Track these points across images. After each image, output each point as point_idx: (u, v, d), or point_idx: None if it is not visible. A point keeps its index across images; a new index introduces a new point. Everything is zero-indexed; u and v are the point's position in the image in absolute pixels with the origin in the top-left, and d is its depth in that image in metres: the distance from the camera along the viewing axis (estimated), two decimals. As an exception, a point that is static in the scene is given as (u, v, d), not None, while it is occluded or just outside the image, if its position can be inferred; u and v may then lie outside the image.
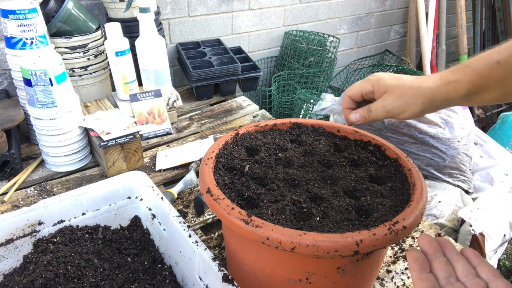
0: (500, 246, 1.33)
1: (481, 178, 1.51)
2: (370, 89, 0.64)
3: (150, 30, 1.19)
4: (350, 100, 0.68)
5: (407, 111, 0.61)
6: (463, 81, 0.58)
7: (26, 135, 1.19)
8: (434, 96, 0.60)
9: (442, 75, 0.61)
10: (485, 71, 0.57)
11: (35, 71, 0.92)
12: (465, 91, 0.59)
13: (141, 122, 1.21)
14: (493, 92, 0.58)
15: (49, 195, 0.98)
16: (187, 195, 1.00)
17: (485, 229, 1.27)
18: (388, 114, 0.63)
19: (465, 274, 0.45)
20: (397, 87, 0.62)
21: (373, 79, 0.64)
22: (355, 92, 0.67)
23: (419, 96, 0.60)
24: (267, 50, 2.00)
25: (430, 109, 0.61)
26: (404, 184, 0.66)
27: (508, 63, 0.56)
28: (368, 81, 0.65)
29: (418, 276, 0.46)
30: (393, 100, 0.62)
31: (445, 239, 0.50)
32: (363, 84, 0.65)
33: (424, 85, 0.61)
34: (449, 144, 1.36)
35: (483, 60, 0.58)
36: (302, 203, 0.61)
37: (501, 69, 0.56)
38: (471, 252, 0.48)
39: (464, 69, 0.59)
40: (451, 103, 0.61)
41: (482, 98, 0.60)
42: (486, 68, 0.57)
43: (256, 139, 0.77)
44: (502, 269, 1.64)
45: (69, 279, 0.65)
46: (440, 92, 0.60)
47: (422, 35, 2.16)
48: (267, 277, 0.60)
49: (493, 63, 0.57)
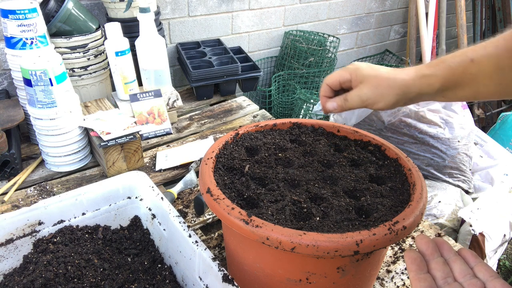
0: (500, 246, 1.33)
1: (481, 178, 1.51)
2: (348, 77, 0.65)
3: (150, 30, 1.19)
4: (329, 88, 0.68)
5: (381, 101, 0.62)
6: (437, 76, 0.59)
7: (26, 135, 1.19)
8: (408, 88, 0.61)
9: (417, 69, 0.62)
10: (459, 68, 0.58)
11: (35, 71, 0.92)
12: (439, 86, 0.59)
13: (141, 122, 1.21)
14: (466, 89, 0.59)
15: (49, 195, 0.98)
16: (187, 195, 1.00)
17: (485, 229, 1.27)
18: (363, 103, 0.64)
19: (462, 275, 0.45)
20: (374, 77, 0.62)
21: (351, 68, 0.65)
22: (333, 80, 0.67)
23: (393, 87, 0.61)
24: (267, 50, 2.00)
25: (403, 101, 0.62)
26: (404, 184, 0.66)
27: (481, 61, 0.56)
28: (347, 70, 0.65)
29: (415, 276, 0.46)
30: (368, 90, 0.62)
31: (442, 239, 0.51)
32: (341, 72, 0.66)
33: (399, 77, 0.61)
34: (449, 144, 1.36)
35: (458, 57, 0.58)
36: (302, 203, 0.61)
37: (475, 67, 0.57)
38: (468, 252, 0.48)
39: (439, 64, 0.60)
40: (424, 97, 0.62)
41: (455, 94, 0.60)
42: (460, 65, 0.58)
43: (256, 139, 0.77)
44: (502, 269, 1.64)
45: (69, 279, 0.65)
46: (414, 85, 0.61)
47: (422, 35, 2.15)
48: (267, 277, 0.60)
49: (467, 61, 0.57)
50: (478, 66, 0.56)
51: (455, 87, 0.59)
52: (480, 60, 0.56)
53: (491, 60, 0.56)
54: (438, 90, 0.60)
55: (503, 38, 0.56)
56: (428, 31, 2.16)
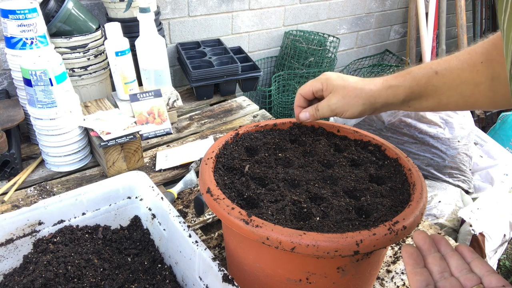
0: (500, 246, 1.33)
1: (481, 178, 1.52)
2: (320, 87, 0.68)
3: (150, 30, 1.19)
4: (302, 98, 0.72)
5: (348, 110, 0.65)
6: (403, 86, 0.62)
7: (26, 135, 1.19)
8: (374, 98, 0.64)
9: (384, 80, 0.64)
10: (423, 79, 0.61)
11: (35, 71, 0.92)
12: (404, 97, 0.63)
13: (141, 122, 1.21)
14: (430, 100, 0.62)
15: (49, 195, 0.98)
16: (187, 195, 1.00)
17: (485, 229, 1.27)
18: (332, 112, 0.67)
19: (459, 270, 0.46)
20: (342, 88, 0.65)
21: (323, 78, 0.68)
22: (306, 90, 0.70)
23: (360, 97, 0.64)
24: (267, 50, 2.00)
25: (370, 110, 0.65)
26: (404, 184, 0.66)
27: (444, 74, 0.60)
28: (318, 80, 0.68)
29: (412, 271, 0.47)
30: (337, 100, 0.66)
31: (440, 236, 0.51)
32: (314, 83, 0.69)
33: (366, 88, 0.64)
34: (449, 144, 1.36)
35: (423, 69, 0.62)
36: (302, 203, 0.61)
37: (438, 79, 0.60)
38: (465, 248, 0.48)
39: (405, 75, 0.63)
40: (390, 107, 0.65)
41: (420, 105, 0.64)
42: (424, 77, 0.61)
43: (256, 139, 0.77)
44: (502, 269, 1.64)
45: (69, 279, 0.65)
46: (381, 95, 0.63)
47: (422, 35, 2.16)
48: (267, 277, 0.60)
49: (431, 73, 0.61)
50: (441, 78, 0.60)
51: (420, 97, 0.62)
52: (443, 73, 0.60)
53: (453, 73, 0.59)
54: (404, 100, 0.63)
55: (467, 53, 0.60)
56: (428, 31, 2.16)
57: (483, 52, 0.58)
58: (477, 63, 0.58)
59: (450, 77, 0.59)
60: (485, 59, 0.57)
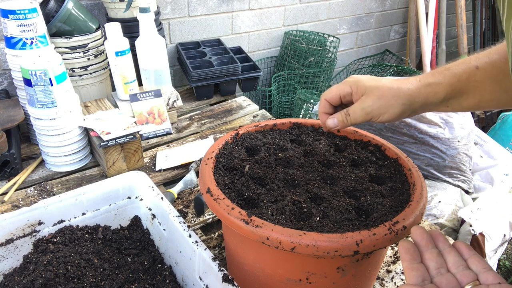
0: (500, 246, 1.33)
1: (481, 178, 1.52)
2: (349, 91, 0.62)
3: (150, 30, 1.19)
4: (328, 104, 0.65)
5: (386, 113, 0.60)
6: (443, 84, 0.58)
7: (26, 135, 1.19)
8: (413, 98, 0.59)
9: (421, 78, 0.60)
10: (464, 75, 0.57)
11: (35, 71, 0.92)
12: (444, 95, 0.58)
13: (141, 122, 1.21)
14: (471, 97, 0.58)
15: (49, 195, 0.98)
16: (187, 195, 1.00)
17: (485, 229, 1.27)
18: (368, 116, 0.61)
19: (455, 266, 0.46)
20: (376, 88, 0.60)
21: (351, 81, 0.62)
22: (333, 95, 0.64)
23: (398, 97, 0.59)
24: (267, 50, 2.00)
25: (408, 111, 0.60)
26: (404, 184, 0.66)
27: (486, 69, 0.56)
28: (346, 83, 0.62)
29: (409, 266, 0.47)
30: (373, 102, 0.59)
31: (438, 231, 0.51)
32: (341, 86, 0.63)
33: (404, 87, 0.59)
34: (449, 144, 1.36)
35: (462, 65, 0.58)
36: (302, 203, 0.61)
37: (480, 73, 0.56)
38: (463, 245, 0.48)
39: (444, 72, 0.59)
40: (429, 107, 0.61)
41: (459, 104, 0.60)
42: (465, 72, 0.57)
43: (256, 139, 0.77)
44: (502, 269, 1.64)
45: (69, 279, 0.65)
46: (420, 94, 0.59)
47: (422, 35, 2.16)
48: (267, 277, 0.60)
49: (472, 68, 0.57)
50: (483, 73, 0.56)
51: (460, 95, 0.58)
52: (485, 67, 0.56)
53: (496, 67, 0.56)
54: (444, 99, 0.59)
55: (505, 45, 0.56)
56: (428, 31, 2.16)
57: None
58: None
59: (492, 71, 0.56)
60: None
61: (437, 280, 0.45)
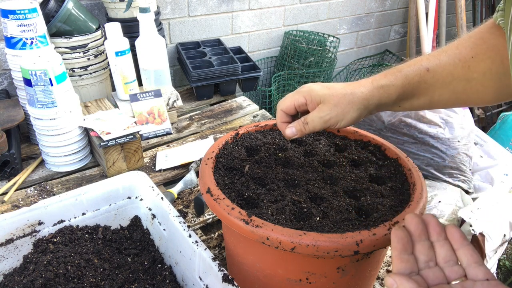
0: (500, 246, 1.33)
1: (481, 178, 1.51)
2: (303, 101, 0.62)
3: (150, 30, 1.19)
4: (284, 114, 0.65)
5: (344, 119, 0.60)
6: (395, 86, 0.59)
7: (26, 135, 1.19)
8: (367, 101, 0.60)
9: (373, 80, 0.61)
10: (415, 78, 0.59)
11: (35, 71, 0.92)
12: (396, 96, 0.60)
13: (141, 122, 1.21)
14: (422, 98, 0.60)
15: (49, 195, 0.98)
16: (187, 195, 1.00)
17: (485, 229, 1.27)
18: (326, 124, 0.61)
19: (445, 260, 0.46)
20: (331, 96, 0.60)
21: (304, 91, 0.62)
22: (287, 105, 0.64)
23: (353, 102, 0.60)
24: (267, 50, 2.00)
25: (364, 114, 0.61)
26: (404, 184, 0.66)
27: (436, 71, 0.58)
28: (300, 93, 0.63)
29: (398, 256, 0.46)
30: (330, 110, 0.60)
31: (432, 216, 0.50)
32: (295, 96, 0.63)
33: (357, 91, 0.60)
34: (449, 144, 1.36)
35: (414, 66, 0.59)
36: (302, 203, 0.61)
37: (430, 76, 0.58)
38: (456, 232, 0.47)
39: (396, 74, 0.60)
40: (383, 107, 0.62)
41: (410, 104, 0.61)
42: (416, 75, 0.59)
43: (256, 139, 0.77)
44: (502, 269, 1.64)
45: (69, 279, 0.65)
46: (373, 96, 0.60)
47: (422, 35, 2.16)
48: (267, 277, 0.60)
49: (423, 70, 0.58)
50: (434, 75, 0.58)
51: (412, 96, 0.60)
52: (435, 70, 0.58)
53: (445, 69, 0.57)
54: (396, 100, 0.60)
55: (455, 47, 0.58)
56: (428, 31, 2.16)
57: (472, 46, 0.56)
58: (468, 58, 0.56)
59: (442, 74, 0.58)
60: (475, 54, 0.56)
61: (424, 272, 0.45)
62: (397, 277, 0.43)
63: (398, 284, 0.42)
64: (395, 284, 0.43)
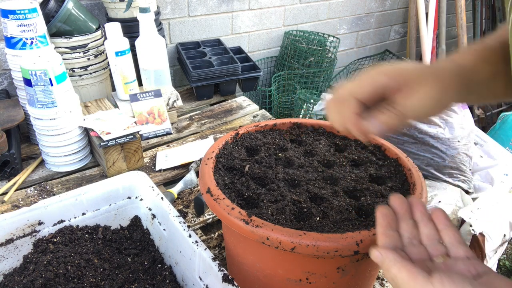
0: (500, 246, 1.33)
1: (481, 178, 1.51)
2: (391, 83, 0.46)
3: (150, 30, 1.19)
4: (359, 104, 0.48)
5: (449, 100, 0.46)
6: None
7: (26, 135, 1.19)
8: (472, 75, 0.47)
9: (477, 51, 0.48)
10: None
11: (35, 71, 0.92)
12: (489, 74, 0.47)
13: (141, 122, 1.21)
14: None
15: (49, 195, 0.98)
16: (187, 195, 1.00)
17: (485, 229, 1.27)
18: (433, 110, 0.46)
19: (429, 239, 0.46)
20: (431, 74, 0.45)
21: (392, 70, 0.46)
22: (368, 91, 0.47)
23: (459, 76, 0.46)
24: (267, 50, 2.00)
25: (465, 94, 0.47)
26: (404, 184, 0.66)
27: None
28: (384, 74, 0.46)
29: (383, 232, 0.47)
30: (433, 91, 0.45)
31: (418, 200, 0.50)
32: (377, 78, 0.46)
33: (459, 62, 0.47)
34: (449, 144, 1.36)
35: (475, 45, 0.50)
36: (302, 203, 0.61)
37: None
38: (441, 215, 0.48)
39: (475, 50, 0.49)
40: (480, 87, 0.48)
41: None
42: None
43: (256, 139, 0.77)
44: (502, 269, 1.64)
45: (69, 279, 0.65)
46: (478, 72, 0.46)
47: (422, 35, 2.15)
48: (267, 277, 0.60)
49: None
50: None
51: None
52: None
53: None
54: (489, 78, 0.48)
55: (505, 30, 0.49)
56: (428, 31, 2.16)
57: None
58: None
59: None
60: None
61: (408, 249, 0.46)
62: (382, 250, 0.44)
63: (384, 256, 0.43)
64: (380, 256, 0.43)
